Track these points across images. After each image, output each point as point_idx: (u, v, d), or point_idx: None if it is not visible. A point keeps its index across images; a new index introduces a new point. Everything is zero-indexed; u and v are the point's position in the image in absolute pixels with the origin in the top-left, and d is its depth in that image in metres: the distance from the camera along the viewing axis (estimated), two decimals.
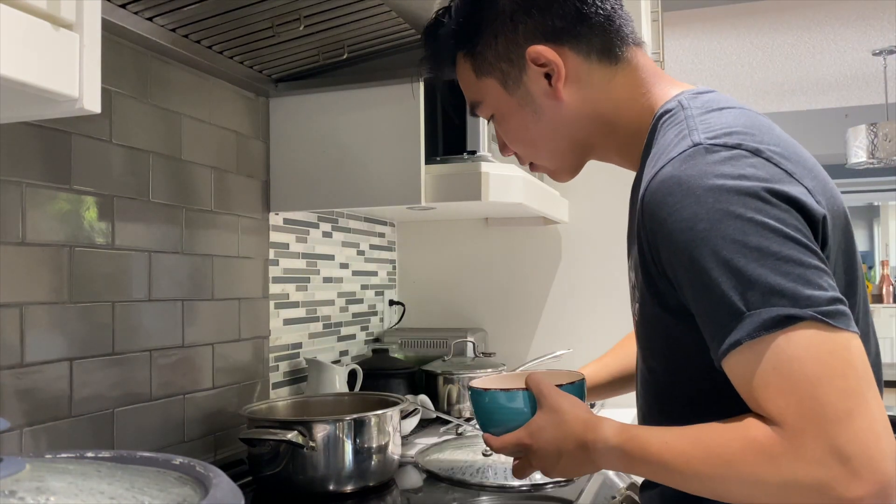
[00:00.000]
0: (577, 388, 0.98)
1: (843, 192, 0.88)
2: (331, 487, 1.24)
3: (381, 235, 2.19)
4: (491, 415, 0.97)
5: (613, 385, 1.20)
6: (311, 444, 1.20)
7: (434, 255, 2.27)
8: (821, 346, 0.67)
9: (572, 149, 0.96)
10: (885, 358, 6.27)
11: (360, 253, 2.05)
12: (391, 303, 2.22)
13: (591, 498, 1.19)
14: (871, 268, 7.03)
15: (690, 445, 0.75)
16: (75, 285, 1.11)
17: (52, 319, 1.07)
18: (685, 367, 0.83)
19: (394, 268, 2.28)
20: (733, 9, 3.79)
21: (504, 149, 1.02)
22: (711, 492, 0.75)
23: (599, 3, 0.89)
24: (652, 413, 0.92)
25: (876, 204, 7.82)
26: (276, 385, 1.64)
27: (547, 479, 1.19)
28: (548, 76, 0.90)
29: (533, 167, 1.02)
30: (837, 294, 0.70)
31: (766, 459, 0.69)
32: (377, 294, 2.16)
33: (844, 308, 0.69)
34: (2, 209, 1.00)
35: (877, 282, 6.43)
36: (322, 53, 1.44)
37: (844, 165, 4.92)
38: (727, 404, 0.74)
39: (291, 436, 1.19)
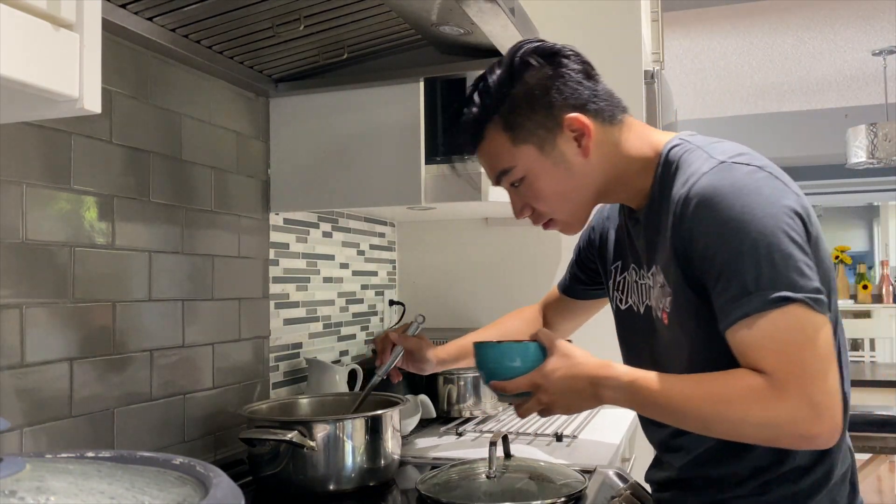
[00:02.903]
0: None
1: (842, 192, 1.08)
2: (331, 487, 1.24)
3: (381, 235, 2.19)
4: (500, 364, 1.09)
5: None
6: (311, 444, 1.20)
7: (434, 255, 2.27)
8: (805, 323, 0.90)
9: (594, 198, 1.12)
10: (885, 358, 6.17)
11: (360, 253, 2.05)
12: (391, 303, 2.22)
13: (592, 498, 1.19)
14: (870, 268, 6.97)
15: (693, 386, 0.96)
16: (75, 285, 1.11)
17: (52, 319, 1.07)
18: (707, 337, 1.00)
19: (394, 268, 2.28)
20: (733, 9, 3.80)
21: (523, 210, 1.14)
22: (703, 426, 0.95)
23: (602, 83, 1.11)
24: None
25: (876, 204, 7.79)
26: (276, 385, 1.64)
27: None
28: (576, 139, 1.07)
29: (547, 225, 1.15)
30: (819, 285, 0.91)
31: (756, 400, 0.90)
32: (377, 294, 2.16)
33: (823, 297, 0.91)
34: (2, 209, 1.00)
35: (876, 282, 6.38)
36: (322, 53, 1.44)
37: (844, 165, 4.91)
38: (727, 365, 0.95)
39: (291, 436, 1.19)
